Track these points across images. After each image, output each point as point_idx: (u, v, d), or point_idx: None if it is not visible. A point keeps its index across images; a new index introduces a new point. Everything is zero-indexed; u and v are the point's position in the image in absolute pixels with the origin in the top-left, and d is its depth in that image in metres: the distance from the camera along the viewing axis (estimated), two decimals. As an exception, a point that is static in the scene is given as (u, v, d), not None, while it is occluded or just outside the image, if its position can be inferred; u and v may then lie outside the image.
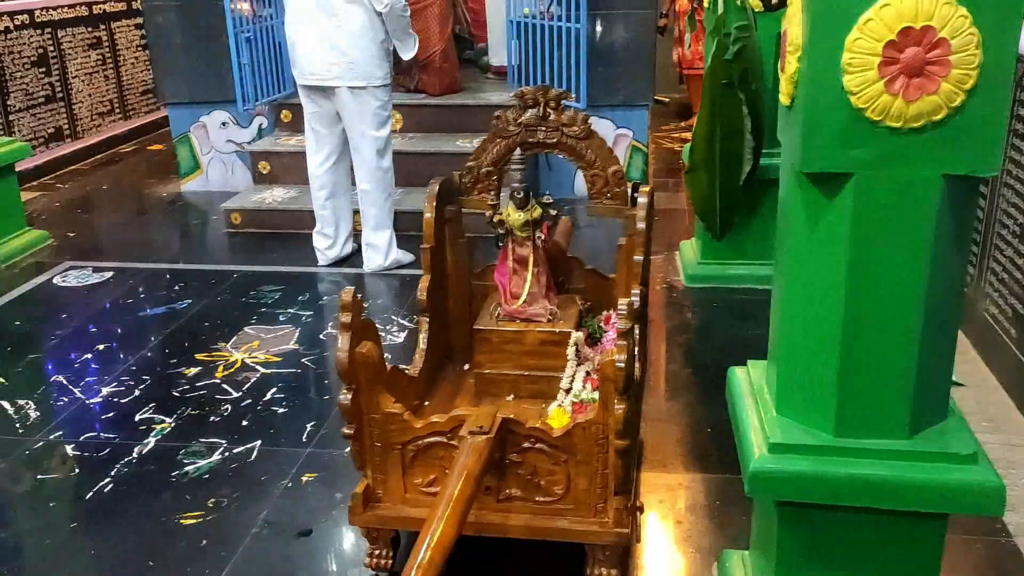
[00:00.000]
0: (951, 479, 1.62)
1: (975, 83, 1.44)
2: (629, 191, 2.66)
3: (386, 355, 2.28)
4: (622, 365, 1.95)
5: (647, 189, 2.58)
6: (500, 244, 2.65)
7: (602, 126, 5.28)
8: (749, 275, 3.95)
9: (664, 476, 2.66)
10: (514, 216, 2.57)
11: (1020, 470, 2.60)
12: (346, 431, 2.11)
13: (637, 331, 2.24)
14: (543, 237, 2.62)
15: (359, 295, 2.08)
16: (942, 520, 1.71)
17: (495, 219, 2.60)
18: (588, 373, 2.54)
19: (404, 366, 2.48)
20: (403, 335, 3.64)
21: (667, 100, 7.64)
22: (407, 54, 4.33)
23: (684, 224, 4.81)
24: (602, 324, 2.73)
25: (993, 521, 2.37)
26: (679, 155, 6.31)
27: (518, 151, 2.59)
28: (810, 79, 1.50)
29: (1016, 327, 3.00)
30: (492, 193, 2.70)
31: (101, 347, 3.58)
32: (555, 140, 2.65)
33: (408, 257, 4.36)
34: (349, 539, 2.41)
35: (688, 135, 6.27)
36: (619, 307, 2.03)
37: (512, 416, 2.08)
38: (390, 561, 2.24)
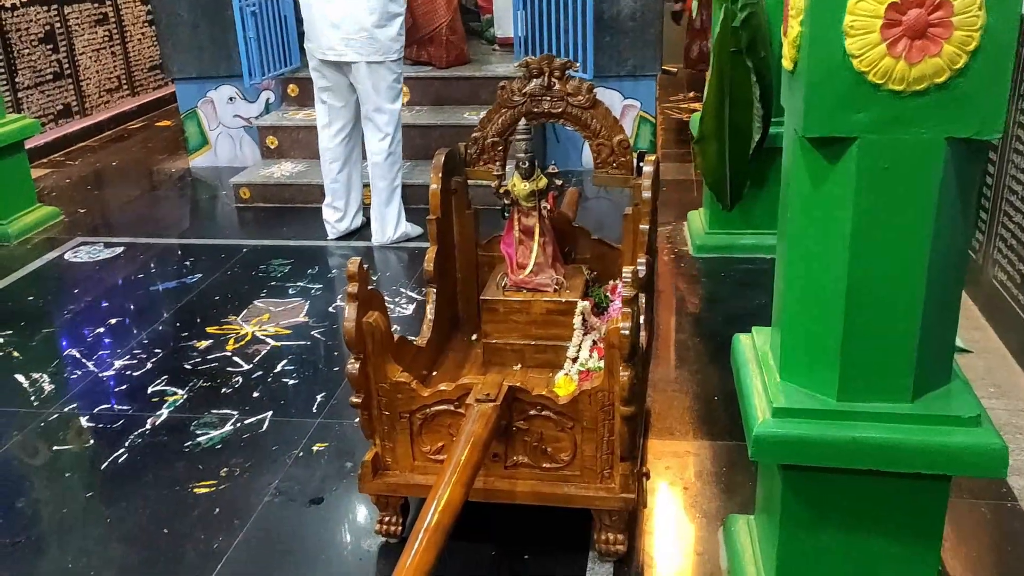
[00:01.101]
0: (954, 441, 1.63)
1: (978, 45, 1.43)
2: (635, 160, 2.66)
3: (395, 327, 2.30)
4: (627, 332, 1.96)
5: (653, 158, 2.58)
6: (506, 215, 2.65)
7: (610, 97, 5.26)
8: (757, 245, 3.95)
9: (671, 443, 2.68)
10: (520, 186, 2.57)
11: (1026, 435, 2.61)
12: (354, 400, 2.13)
13: (643, 299, 2.25)
14: (549, 207, 2.63)
15: (366, 266, 2.09)
16: (945, 482, 1.72)
17: (501, 189, 2.61)
18: (595, 342, 2.56)
19: (412, 337, 2.50)
20: (412, 307, 3.66)
21: (675, 70, 7.59)
22: None
23: (693, 195, 4.79)
24: (608, 294, 2.74)
25: (999, 485, 2.38)
26: (688, 126, 6.29)
27: (523, 121, 2.59)
28: (812, 42, 1.49)
29: (1024, 293, 3.00)
30: (498, 164, 2.70)
31: (113, 321, 3.62)
32: (560, 110, 2.64)
33: (416, 230, 4.37)
34: (359, 507, 2.44)
35: (697, 105, 6.24)
36: (624, 275, 2.03)
37: (519, 384, 2.10)
38: (400, 527, 2.27)
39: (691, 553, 2.24)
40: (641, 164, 2.60)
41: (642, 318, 2.28)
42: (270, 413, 2.91)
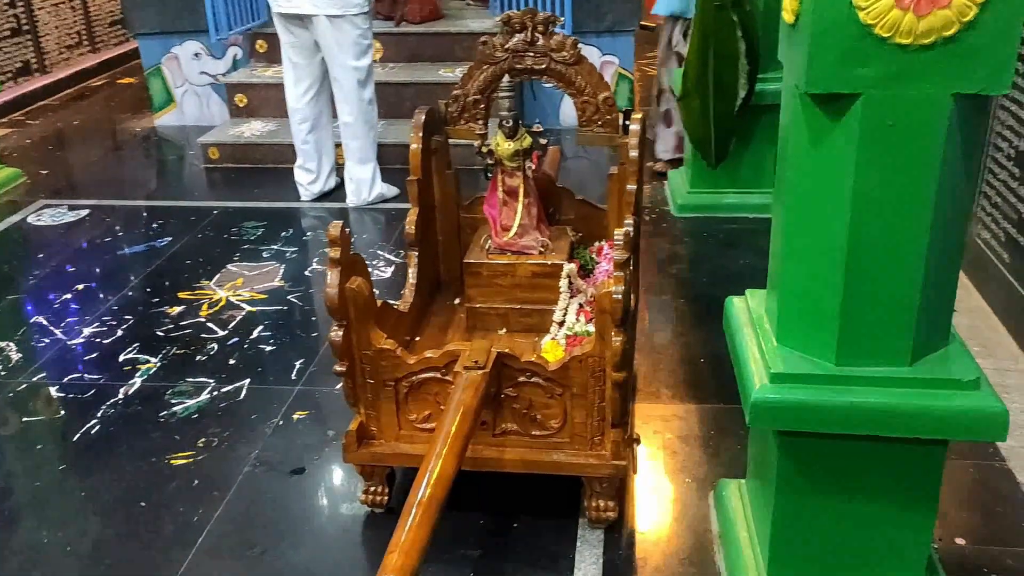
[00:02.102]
0: (953, 405, 1.60)
1: (988, -4, 1.38)
2: (620, 118, 2.59)
3: (374, 290, 2.23)
4: (619, 296, 1.91)
5: (639, 116, 2.51)
6: (489, 175, 2.58)
7: (587, 53, 5.14)
8: (740, 204, 3.91)
9: (657, 407, 2.65)
10: (503, 146, 2.49)
11: (1012, 394, 2.60)
12: (338, 368, 2.07)
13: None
14: (533, 167, 2.55)
15: (348, 230, 2.01)
16: (942, 446, 1.70)
17: (484, 149, 2.53)
18: (581, 305, 2.51)
19: (393, 301, 2.43)
20: (390, 270, 3.59)
21: (654, 25, 7.48)
22: None
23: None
24: (594, 255, 2.69)
25: (987, 445, 2.38)
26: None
27: (506, 78, 2.51)
28: (817, -6, 1.43)
29: (1008, 252, 2.98)
30: (480, 122, 2.62)
31: (81, 287, 3.51)
32: (544, 66, 2.56)
33: (393, 191, 4.27)
34: (342, 476, 2.39)
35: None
36: (615, 237, 1.97)
37: (507, 350, 2.04)
38: (386, 497, 2.22)
39: (682, 518, 2.22)
40: (627, 123, 2.54)
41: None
42: (247, 381, 2.83)
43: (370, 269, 3.52)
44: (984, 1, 1.39)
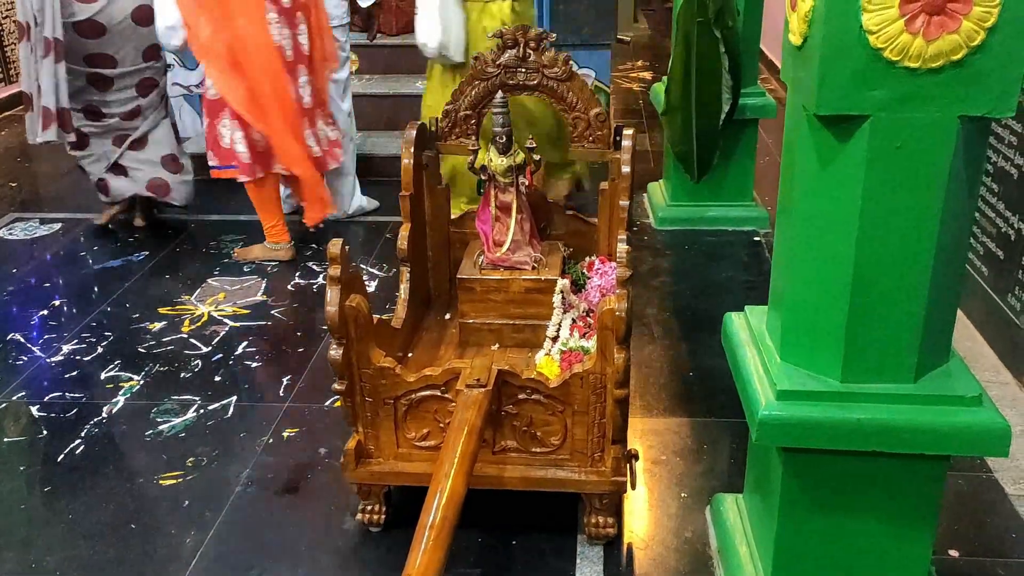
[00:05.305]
0: (957, 421, 1.63)
1: (996, 21, 1.41)
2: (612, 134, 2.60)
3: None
4: (622, 314, 1.91)
5: (631, 132, 2.53)
6: (481, 191, 2.57)
7: (564, 66, 5.17)
8: (721, 217, 3.94)
9: (649, 421, 2.65)
10: (496, 161, 2.49)
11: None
12: (337, 387, 2.05)
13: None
14: (527, 183, 2.55)
15: (348, 247, 2.00)
16: (944, 461, 1.72)
17: (477, 165, 2.53)
18: (574, 320, 2.51)
19: (384, 316, 2.41)
20: (374, 284, 3.56)
21: (628, 39, 7.54)
22: (365, 1, 4.15)
23: (649, 166, 4.76)
24: (585, 270, 2.69)
25: (972, 457, 2.41)
26: (639, 96, 6.26)
27: (500, 94, 2.51)
28: (827, 18, 1.45)
29: (987, 266, 3.04)
30: (472, 138, 2.62)
31: (57, 302, 3.44)
32: (536, 82, 2.57)
33: (372, 204, 4.25)
34: (337, 495, 2.35)
35: (647, 75, 6.20)
36: (617, 255, 1.98)
37: (507, 367, 2.04)
38: (383, 516, 2.20)
39: (679, 533, 2.22)
40: (619, 138, 2.55)
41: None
42: (234, 398, 2.79)
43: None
44: (991, 26, 1.41)
